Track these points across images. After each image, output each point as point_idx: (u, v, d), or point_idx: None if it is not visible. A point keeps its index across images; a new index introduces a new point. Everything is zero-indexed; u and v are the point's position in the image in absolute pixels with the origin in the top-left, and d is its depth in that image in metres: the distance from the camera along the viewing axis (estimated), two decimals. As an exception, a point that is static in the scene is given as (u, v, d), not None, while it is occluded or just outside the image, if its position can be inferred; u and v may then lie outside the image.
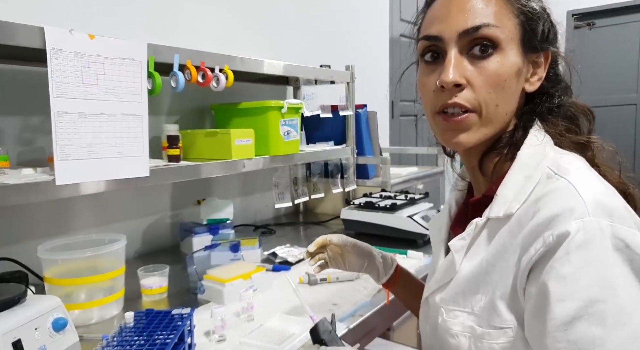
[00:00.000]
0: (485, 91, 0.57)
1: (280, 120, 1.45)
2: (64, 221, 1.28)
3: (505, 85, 0.58)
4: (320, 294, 1.08)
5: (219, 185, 1.72)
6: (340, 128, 1.86)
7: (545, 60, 0.62)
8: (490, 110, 0.58)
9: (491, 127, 0.60)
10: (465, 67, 0.57)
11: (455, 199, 0.74)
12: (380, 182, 1.88)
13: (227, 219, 1.49)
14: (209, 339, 0.86)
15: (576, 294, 0.48)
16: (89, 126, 0.96)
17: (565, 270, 0.49)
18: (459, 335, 0.59)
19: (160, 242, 1.53)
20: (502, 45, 0.57)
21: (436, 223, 0.75)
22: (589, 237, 0.49)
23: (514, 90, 0.59)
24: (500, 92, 0.58)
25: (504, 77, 0.57)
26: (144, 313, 0.81)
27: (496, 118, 0.59)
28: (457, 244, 0.63)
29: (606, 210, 0.50)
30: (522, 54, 0.59)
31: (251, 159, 1.35)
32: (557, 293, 0.49)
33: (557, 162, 0.58)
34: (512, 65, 0.58)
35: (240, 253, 1.24)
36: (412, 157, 2.97)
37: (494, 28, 0.57)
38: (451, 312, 0.61)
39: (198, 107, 1.60)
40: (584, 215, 0.50)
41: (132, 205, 1.45)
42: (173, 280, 1.13)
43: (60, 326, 0.77)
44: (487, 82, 0.57)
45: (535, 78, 0.62)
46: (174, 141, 1.23)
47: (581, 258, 0.49)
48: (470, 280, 0.59)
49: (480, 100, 0.57)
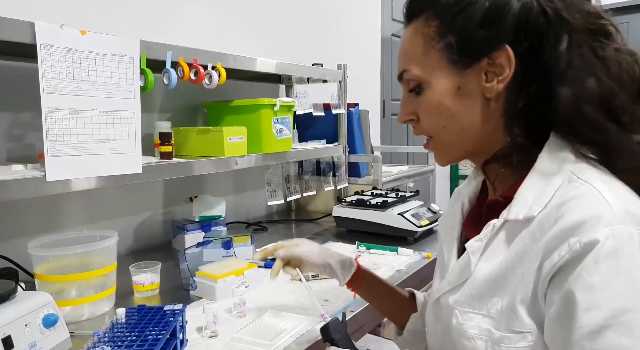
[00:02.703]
0: (428, 121, 0.63)
1: (272, 118, 1.45)
2: (55, 218, 1.27)
3: (443, 110, 0.61)
4: (312, 289, 1.09)
5: (212, 182, 1.72)
6: (332, 126, 1.87)
7: (507, 57, 0.57)
8: (441, 133, 0.63)
9: (457, 145, 0.63)
10: (413, 102, 0.64)
11: (468, 196, 0.73)
12: (371, 180, 1.89)
13: (220, 216, 1.49)
14: (201, 335, 0.86)
15: (604, 303, 0.48)
16: (81, 122, 0.95)
17: (593, 279, 0.48)
18: (475, 338, 0.58)
19: (152, 239, 1.53)
20: (426, 79, 0.62)
21: (448, 220, 0.73)
22: (618, 246, 0.48)
23: (463, 108, 0.60)
24: (443, 116, 0.62)
25: (438, 104, 0.61)
26: (135, 309, 0.82)
27: (453, 137, 0.62)
28: (474, 245, 0.61)
29: (635, 219, 0.50)
30: (456, 72, 0.60)
31: (243, 157, 1.36)
32: (585, 302, 0.48)
33: (578, 166, 0.56)
34: (445, 91, 0.61)
35: (233, 250, 1.25)
36: (403, 155, 2.99)
37: (413, 70, 0.62)
38: (466, 314, 0.59)
39: (190, 105, 1.60)
40: (613, 223, 0.49)
41: (124, 202, 1.45)
42: (165, 277, 1.13)
43: (50, 322, 0.77)
44: (426, 114, 0.63)
45: (497, 80, 0.58)
46: (166, 138, 1.23)
47: (610, 267, 0.48)
48: (488, 283, 0.58)
49: (427, 128, 0.64)
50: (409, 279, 1.18)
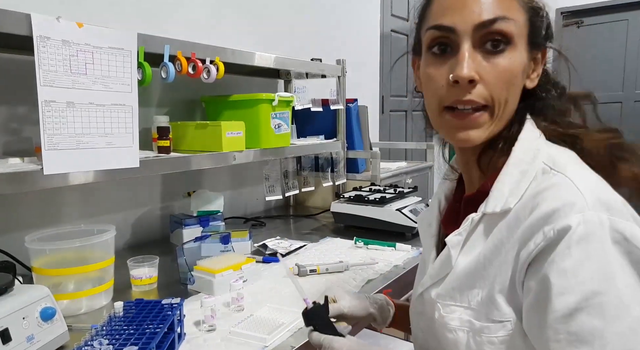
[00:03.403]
0: (498, 88, 0.56)
1: (271, 113, 1.45)
2: (53, 212, 1.27)
3: (514, 82, 0.58)
4: (310, 284, 1.09)
5: (209, 177, 1.71)
6: (330, 122, 1.87)
7: (543, 57, 0.63)
8: (501, 107, 0.58)
9: (499, 123, 0.60)
10: (479, 63, 0.56)
11: (444, 194, 0.74)
12: (370, 176, 1.89)
13: (218, 211, 1.49)
14: (198, 329, 0.86)
15: (577, 287, 0.49)
16: (78, 116, 0.95)
17: (566, 264, 0.50)
18: (457, 330, 0.59)
19: (150, 234, 1.53)
20: (515, 40, 0.57)
21: (426, 218, 0.74)
22: (590, 231, 0.49)
23: (519, 87, 0.60)
24: (510, 88, 0.57)
25: (515, 73, 0.57)
26: (133, 303, 0.82)
27: (505, 115, 0.59)
28: (453, 239, 0.62)
29: (605, 205, 0.51)
30: (527, 50, 0.60)
31: (242, 152, 1.35)
32: (558, 286, 0.50)
33: (552, 157, 0.58)
34: (521, 62, 0.58)
35: (231, 245, 1.25)
36: (402, 152, 2.99)
37: (510, 22, 0.56)
38: (448, 307, 0.60)
39: (188, 99, 1.59)
40: (584, 209, 0.50)
41: (121, 196, 1.44)
42: (163, 271, 1.13)
43: (48, 316, 0.77)
44: (499, 79, 0.56)
45: (535, 75, 0.63)
46: (164, 132, 1.23)
47: (581, 251, 0.49)
48: (467, 276, 0.59)
49: (494, 96, 0.57)
50: (406, 274, 1.19)
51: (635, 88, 3.72)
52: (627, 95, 3.75)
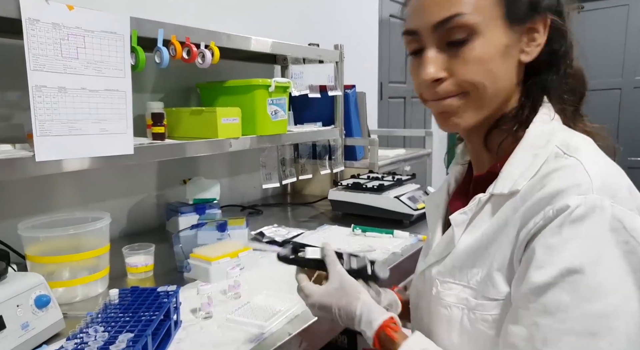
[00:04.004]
0: (469, 76, 0.57)
1: (267, 99, 1.43)
2: (46, 199, 1.26)
3: (490, 67, 0.57)
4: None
5: (205, 165, 1.70)
6: (328, 109, 1.85)
7: (544, 26, 0.59)
8: (475, 92, 0.58)
9: (485, 107, 0.59)
10: (447, 59, 0.57)
11: (454, 176, 0.74)
12: (368, 164, 1.88)
13: (214, 199, 1.48)
14: (195, 316, 0.86)
15: (557, 263, 0.49)
16: (70, 101, 0.93)
17: (553, 240, 0.50)
18: (451, 306, 0.59)
19: (146, 221, 1.52)
20: (481, 28, 0.56)
21: (434, 199, 0.74)
22: (588, 214, 0.49)
23: (504, 68, 0.58)
24: (487, 73, 0.57)
25: (486, 59, 0.57)
26: (129, 290, 0.81)
27: (487, 98, 0.58)
28: (458, 218, 0.62)
29: (610, 190, 0.50)
30: (508, 27, 0.58)
31: (238, 139, 1.34)
32: (539, 259, 0.50)
33: (566, 141, 0.57)
34: (496, 45, 0.57)
35: (227, 232, 1.24)
36: (400, 139, 2.98)
37: (468, 15, 0.56)
38: (446, 284, 0.61)
39: (183, 85, 1.57)
40: (588, 192, 0.50)
41: (116, 184, 1.43)
42: (159, 259, 1.12)
43: (42, 303, 0.76)
44: (469, 69, 0.57)
45: (533, 45, 0.60)
46: (159, 119, 1.21)
47: (572, 231, 0.49)
48: (469, 254, 0.59)
49: (465, 84, 0.57)
50: (404, 261, 1.18)
51: (635, 74, 3.69)
52: (627, 81, 3.73)
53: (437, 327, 0.62)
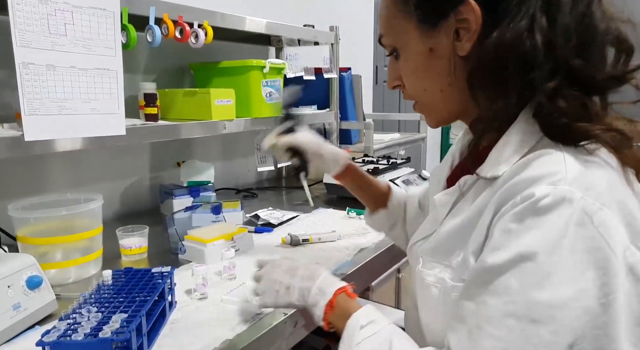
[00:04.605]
0: (410, 85, 0.64)
1: (262, 80, 1.41)
2: (37, 181, 1.24)
3: (420, 74, 0.62)
4: (303, 253, 1.08)
5: (199, 147, 1.68)
6: (323, 92, 1.83)
7: (472, 10, 0.54)
8: (423, 96, 0.64)
9: (440, 107, 0.63)
10: (397, 68, 0.65)
11: (459, 151, 0.73)
12: (363, 148, 1.87)
13: (208, 181, 1.47)
14: (190, 297, 0.85)
15: (513, 248, 0.48)
16: (59, 80, 0.91)
17: (512, 225, 0.49)
18: (430, 286, 0.60)
19: (140, 204, 1.50)
20: (400, 45, 0.62)
21: (437, 174, 0.74)
22: (553, 205, 0.47)
23: (436, 70, 0.60)
24: (421, 79, 0.62)
25: (414, 68, 0.62)
26: (122, 271, 0.80)
27: (435, 99, 0.62)
28: (441, 199, 0.63)
29: (585, 184, 0.48)
30: (426, 33, 0.59)
31: (232, 121, 1.32)
32: (497, 242, 0.50)
33: None
34: (417, 54, 0.60)
35: (222, 215, 1.23)
36: (395, 123, 2.96)
37: (386, 37, 0.64)
38: (429, 263, 0.61)
39: (176, 66, 1.54)
40: (559, 183, 0.48)
41: (109, 166, 1.41)
42: (153, 241, 1.11)
43: (34, 284, 0.75)
44: (407, 79, 0.64)
45: (466, 38, 0.56)
46: (151, 100, 1.19)
47: (534, 220, 0.48)
48: (450, 236, 0.59)
49: (411, 93, 0.65)
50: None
51: None
52: None
53: (420, 301, 0.64)
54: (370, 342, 0.57)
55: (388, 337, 0.58)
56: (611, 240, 0.47)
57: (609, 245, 0.47)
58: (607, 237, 0.47)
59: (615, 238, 0.47)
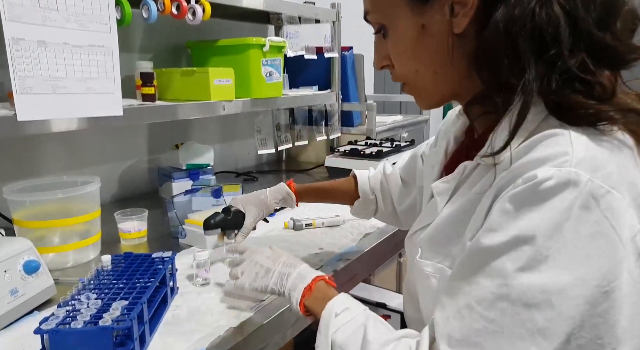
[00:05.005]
0: (399, 66, 0.58)
1: (262, 59, 1.36)
2: (32, 163, 1.20)
3: (410, 54, 0.56)
4: (306, 238, 1.06)
5: (198, 129, 1.64)
6: (324, 72, 1.78)
7: None
8: (413, 78, 0.58)
9: (432, 89, 0.59)
10: (384, 47, 0.59)
11: (455, 134, 0.68)
12: (365, 130, 1.84)
13: (208, 164, 1.44)
14: (192, 283, 0.83)
15: (510, 230, 0.45)
16: (52, 57, 0.87)
17: (512, 206, 0.46)
18: (430, 276, 0.58)
19: (138, 187, 1.48)
20: (388, 22, 0.57)
21: (431, 159, 0.71)
22: (558, 187, 0.44)
23: (428, 49, 0.55)
24: (411, 60, 0.57)
25: (404, 48, 0.57)
26: (122, 256, 0.78)
27: (427, 81, 0.58)
28: (440, 186, 0.60)
29: (592, 165, 0.45)
30: (418, 9, 0.54)
31: (231, 101, 1.28)
32: (494, 222, 0.47)
33: None
34: (408, 32, 0.55)
35: (223, 199, 1.20)
36: (396, 105, 2.92)
37: (372, 13, 0.58)
38: (427, 253, 0.60)
39: (173, 45, 1.49)
40: (564, 165, 0.44)
41: (106, 148, 1.38)
42: (152, 225, 1.09)
43: (32, 269, 0.73)
44: (396, 59, 0.58)
45: (461, 14, 0.52)
46: (148, 79, 1.15)
47: (535, 203, 0.45)
48: (449, 225, 0.57)
49: (400, 74, 0.59)
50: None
51: None
52: None
53: (420, 292, 0.62)
54: (345, 329, 0.56)
55: (363, 321, 0.56)
56: (618, 224, 0.44)
57: (615, 230, 0.44)
58: (613, 221, 0.44)
59: (622, 222, 0.44)
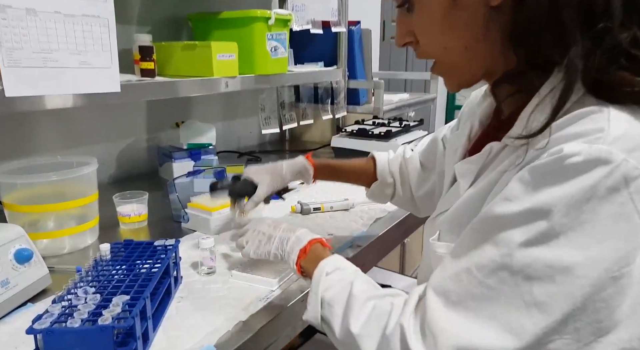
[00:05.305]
0: (426, 42, 0.55)
1: (266, 33, 1.29)
2: (23, 142, 1.14)
3: (439, 28, 0.52)
4: (315, 223, 1.02)
5: (199, 107, 1.57)
6: (330, 47, 1.70)
7: None
8: (442, 55, 0.54)
9: (463, 67, 0.54)
10: (408, 22, 0.55)
11: (479, 117, 0.64)
12: (372, 109, 1.76)
13: (210, 144, 1.38)
14: (196, 272, 0.79)
15: (525, 201, 0.43)
16: (42, 27, 0.79)
17: (530, 178, 0.43)
18: (443, 257, 0.55)
19: (137, 167, 1.42)
20: None
21: (453, 143, 0.68)
22: (584, 166, 0.41)
23: (460, 23, 0.51)
24: (440, 35, 0.53)
25: (432, 22, 0.53)
26: (122, 244, 0.73)
27: (457, 59, 0.54)
28: (464, 168, 0.58)
29: (630, 144, 0.41)
30: None
31: (234, 78, 1.21)
32: (511, 191, 0.44)
33: None
34: (436, 4, 0.51)
35: (226, 180, 1.15)
36: (401, 82, 2.84)
37: None
38: (446, 235, 0.58)
39: (173, 17, 1.41)
40: (596, 142, 0.41)
41: (103, 126, 1.31)
42: (153, 208, 1.04)
43: (24, 258, 0.68)
44: (422, 34, 0.54)
45: None
46: (148, 53, 1.07)
47: (558, 177, 0.42)
48: (470, 207, 0.54)
49: (427, 51, 0.55)
50: (416, 212, 1.11)
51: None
52: None
53: None
54: (334, 287, 0.57)
55: (351, 279, 0.57)
56: None
57: (639, 215, 0.41)
58: (639, 205, 0.41)
59: None
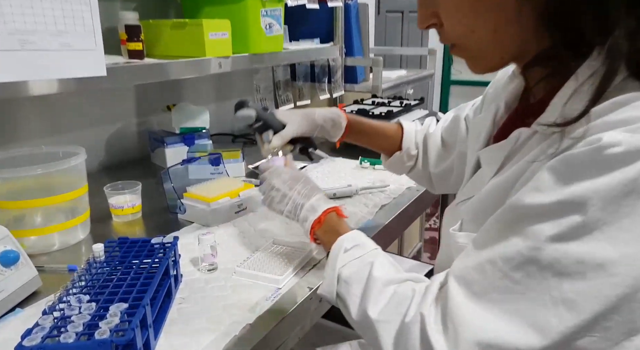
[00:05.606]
0: (451, 24, 0.51)
1: (261, 9, 1.21)
2: (5, 131, 1.07)
3: (469, 9, 0.49)
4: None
5: (191, 89, 1.50)
6: (326, 23, 1.62)
7: None
8: (469, 39, 0.51)
9: (491, 51, 0.51)
10: (432, 2, 0.52)
11: (505, 100, 0.60)
12: (370, 87, 1.71)
13: (203, 127, 1.31)
14: (197, 269, 0.74)
15: (558, 192, 0.39)
16: (17, 5, 0.72)
17: (564, 168, 0.40)
18: (464, 247, 0.52)
19: (127, 153, 1.35)
20: None
21: (477, 126, 0.64)
22: (626, 157, 0.37)
23: (492, 2, 0.48)
24: (468, 17, 0.50)
25: (461, 2, 0.49)
26: (116, 243, 0.68)
27: (485, 42, 0.50)
28: (489, 155, 0.55)
29: None
30: None
31: (228, 58, 1.14)
32: (543, 181, 0.41)
33: None
34: None
35: (223, 166, 1.10)
36: (396, 58, 2.76)
37: None
38: (469, 225, 0.55)
39: (159, -8, 1.32)
40: (638, 131, 0.38)
41: (89, 111, 1.24)
42: (147, 197, 0.98)
43: (9, 260, 0.63)
44: (448, 16, 0.51)
45: None
46: (135, 33, 1.00)
47: (595, 168, 0.38)
48: (495, 196, 0.51)
49: (453, 34, 0.52)
50: (422, 196, 1.07)
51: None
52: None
53: None
54: (352, 265, 0.57)
55: (370, 259, 0.56)
56: None
57: None
58: None
59: None
